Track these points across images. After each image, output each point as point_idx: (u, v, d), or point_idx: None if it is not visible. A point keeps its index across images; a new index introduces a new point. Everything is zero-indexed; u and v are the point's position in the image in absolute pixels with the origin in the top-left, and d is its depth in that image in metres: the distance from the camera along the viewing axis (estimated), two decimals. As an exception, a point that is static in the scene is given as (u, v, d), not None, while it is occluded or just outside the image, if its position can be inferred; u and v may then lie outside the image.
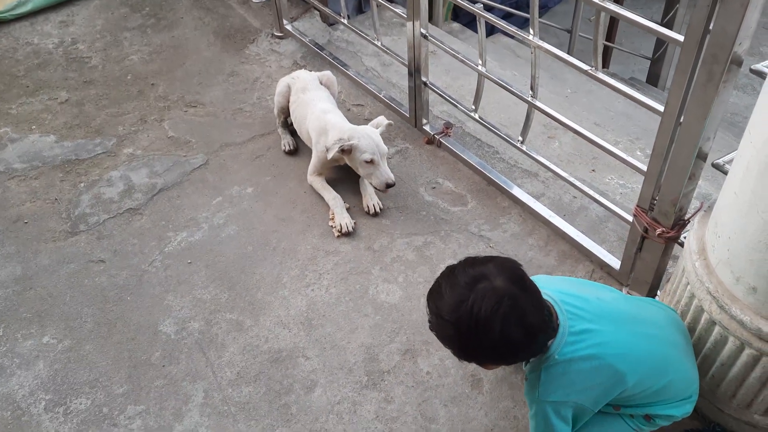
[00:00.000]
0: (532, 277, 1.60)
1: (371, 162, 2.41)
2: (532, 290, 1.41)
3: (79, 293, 2.31)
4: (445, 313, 1.38)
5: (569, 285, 1.65)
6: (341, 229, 2.46)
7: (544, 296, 1.51)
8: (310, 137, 2.66)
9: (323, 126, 2.56)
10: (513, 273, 1.39)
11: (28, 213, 2.62)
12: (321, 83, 2.85)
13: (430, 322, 1.45)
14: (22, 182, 2.75)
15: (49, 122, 3.08)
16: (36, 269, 2.40)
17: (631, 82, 4.72)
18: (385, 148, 2.44)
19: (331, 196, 2.57)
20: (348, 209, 2.54)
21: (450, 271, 1.44)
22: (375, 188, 2.49)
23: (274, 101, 2.88)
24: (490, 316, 1.32)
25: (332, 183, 2.64)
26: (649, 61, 4.97)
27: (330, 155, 2.41)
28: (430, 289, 1.46)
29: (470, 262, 1.43)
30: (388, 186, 2.43)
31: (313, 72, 2.93)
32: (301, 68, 3.21)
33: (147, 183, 2.73)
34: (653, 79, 4.92)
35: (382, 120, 2.57)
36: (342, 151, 2.42)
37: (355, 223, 2.50)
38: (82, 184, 2.74)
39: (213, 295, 2.29)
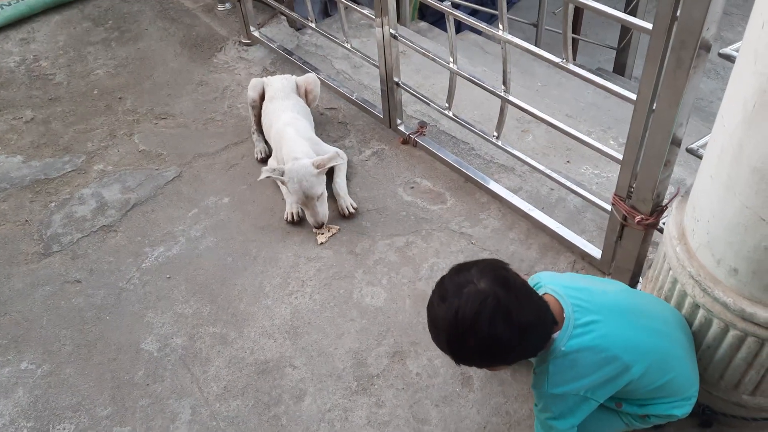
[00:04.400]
0: (537, 274, 1.63)
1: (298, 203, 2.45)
2: (518, 288, 1.41)
3: (56, 316, 2.25)
4: (438, 322, 1.40)
5: (573, 279, 1.66)
6: (289, 218, 2.50)
7: (549, 291, 1.51)
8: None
9: (282, 139, 2.58)
10: (496, 273, 1.40)
11: (-2, 236, 2.55)
12: (299, 86, 2.86)
13: (430, 334, 1.47)
14: (-10, 205, 2.68)
15: (15, 142, 3.00)
16: (9, 294, 2.33)
17: (598, 72, 4.77)
18: (315, 191, 2.38)
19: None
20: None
21: (440, 282, 1.45)
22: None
23: (247, 96, 2.85)
24: (475, 318, 1.33)
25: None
26: (614, 51, 5.03)
27: (261, 178, 2.43)
28: (427, 304, 1.47)
29: (456, 270, 1.45)
30: (316, 226, 2.45)
31: (292, 76, 2.91)
32: (271, 74, 3.18)
33: (120, 199, 2.68)
34: (620, 68, 4.98)
35: (330, 160, 2.43)
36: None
37: (338, 229, 2.48)
38: (53, 204, 2.67)
39: (194, 310, 2.25)
